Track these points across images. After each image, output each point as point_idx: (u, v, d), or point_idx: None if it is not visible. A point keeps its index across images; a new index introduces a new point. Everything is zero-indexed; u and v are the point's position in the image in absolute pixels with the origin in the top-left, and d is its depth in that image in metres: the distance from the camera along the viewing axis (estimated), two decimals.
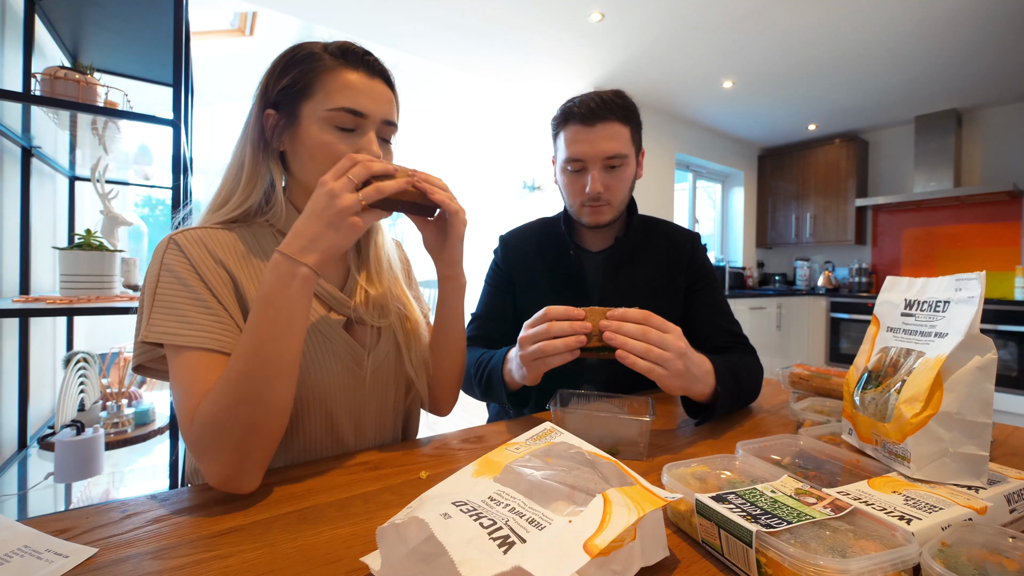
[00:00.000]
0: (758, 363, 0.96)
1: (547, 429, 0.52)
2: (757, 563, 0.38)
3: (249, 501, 0.53)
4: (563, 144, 0.99)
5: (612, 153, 0.95)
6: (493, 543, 0.33)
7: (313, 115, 0.64)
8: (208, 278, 0.60)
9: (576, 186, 1.00)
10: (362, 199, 0.56)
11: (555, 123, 1.02)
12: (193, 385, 0.55)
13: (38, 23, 1.60)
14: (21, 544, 0.42)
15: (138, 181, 2.09)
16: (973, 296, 0.53)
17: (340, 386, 0.67)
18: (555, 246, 1.09)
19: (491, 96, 4.09)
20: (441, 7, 2.64)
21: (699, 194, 4.99)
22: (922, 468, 0.51)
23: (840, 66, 3.29)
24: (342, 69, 0.64)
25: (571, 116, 0.97)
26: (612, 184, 0.98)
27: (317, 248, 0.55)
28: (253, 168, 0.66)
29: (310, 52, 0.65)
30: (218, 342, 0.57)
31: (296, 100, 0.64)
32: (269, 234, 0.68)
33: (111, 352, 1.78)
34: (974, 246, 4.11)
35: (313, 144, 0.64)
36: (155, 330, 0.56)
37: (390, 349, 0.74)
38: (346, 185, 0.55)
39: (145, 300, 0.58)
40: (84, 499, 1.64)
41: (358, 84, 0.65)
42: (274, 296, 0.53)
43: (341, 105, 0.63)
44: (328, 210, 0.54)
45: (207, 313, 0.58)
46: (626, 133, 0.97)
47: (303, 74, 0.64)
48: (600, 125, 0.95)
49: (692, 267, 1.07)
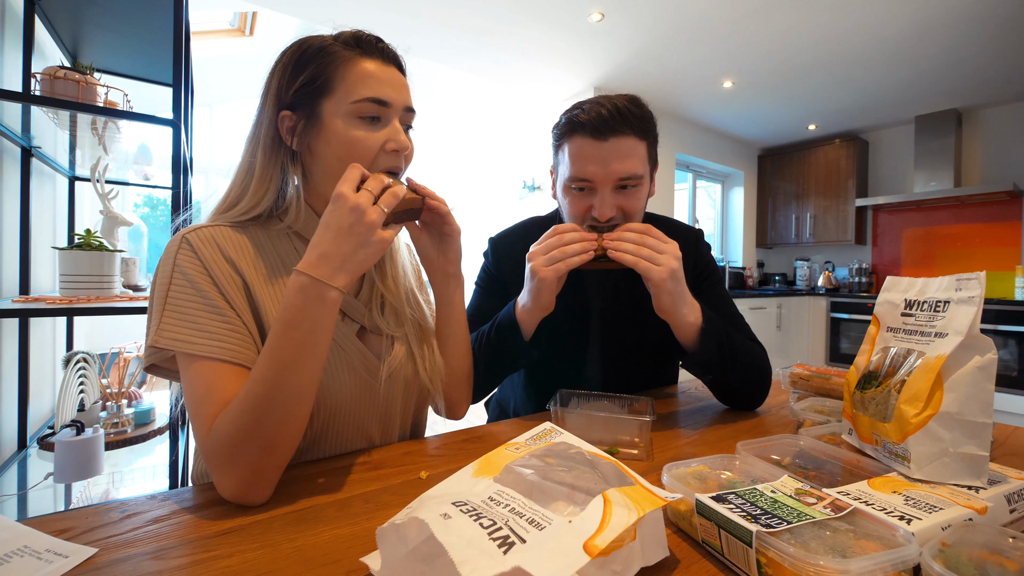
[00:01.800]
0: (763, 353, 0.91)
1: (547, 429, 0.52)
2: (757, 563, 0.38)
3: None
4: (567, 159, 0.85)
5: (626, 174, 0.81)
6: (493, 543, 0.33)
7: (336, 112, 0.61)
8: (221, 282, 0.58)
9: (580, 207, 0.85)
10: (384, 208, 0.54)
11: (558, 132, 0.88)
12: (208, 395, 0.53)
13: (38, 23, 1.60)
14: (21, 544, 0.42)
15: (138, 181, 2.09)
16: (973, 296, 0.53)
17: (350, 396, 0.65)
18: None
19: (491, 96, 4.09)
20: (441, 7, 2.64)
21: (699, 194, 4.99)
22: (922, 468, 0.51)
23: (840, 66, 3.29)
24: (359, 59, 0.62)
25: (579, 127, 0.83)
26: (625, 205, 0.84)
27: (348, 269, 0.52)
28: (264, 172, 0.63)
29: (321, 46, 0.62)
30: (231, 352, 0.55)
31: (315, 98, 0.62)
32: (284, 236, 0.66)
33: (111, 352, 1.77)
34: (974, 246, 4.11)
35: (341, 143, 0.61)
36: (167, 336, 0.54)
37: (404, 359, 0.71)
38: (367, 198, 0.53)
39: (156, 302, 0.57)
40: (84, 499, 1.64)
41: (377, 73, 0.62)
42: (300, 320, 0.51)
43: (364, 96, 0.61)
44: (357, 226, 0.51)
45: (221, 321, 0.56)
46: (643, 149, 0.84)
47: (320, 70, 0.61)
48: (613, 140, 0.81)
49: (697, 266, 1.02)
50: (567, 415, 0.70)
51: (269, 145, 0.63)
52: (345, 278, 0.52)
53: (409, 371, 0.72)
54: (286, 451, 0.53)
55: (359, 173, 0.55)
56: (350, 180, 0.54)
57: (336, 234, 0.52)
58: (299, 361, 0.51)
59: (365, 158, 0.62)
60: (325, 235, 0.52)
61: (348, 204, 0.52)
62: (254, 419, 0.50)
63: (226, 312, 0.57)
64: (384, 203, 0.54)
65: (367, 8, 2.65)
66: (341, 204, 0.52)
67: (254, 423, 0.50)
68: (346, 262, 0.52)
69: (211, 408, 0.53)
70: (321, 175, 0.65)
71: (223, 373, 0.54)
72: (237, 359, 0.55)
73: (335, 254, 0.52)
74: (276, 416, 0.50)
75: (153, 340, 0.55)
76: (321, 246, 0.52)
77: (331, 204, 0.53)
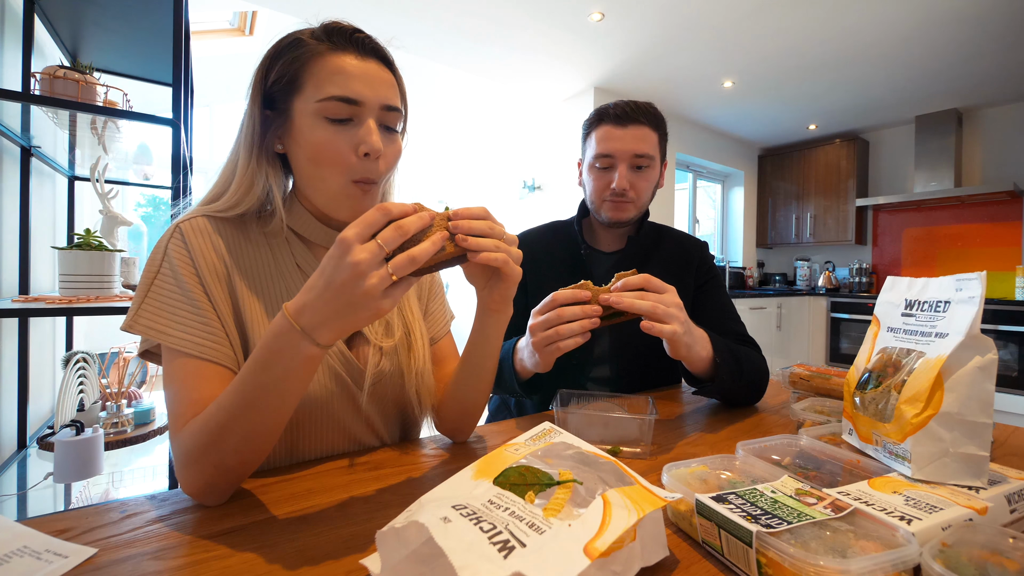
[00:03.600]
0: (762, 358, 0.96)
1: (546, 429, 0.52)
2: (757, 563, 0.38)
3: (249, 501, 0.52)
4: (594, 142, 1.04)
5: (641, 152, 1.00)
6: (493, 547, 0.33)
7: (304, 110, 0.58)
8: (205, 275, 0.58)
9: (602, 182, 1.03)
10: (392, 273, 0.44)
11: (587, 124, 1.07)
12: (180, 392, 0.54)
13: (37, 22, 1.60)
14: (20, 544, 0.42)
15: (138, 181, 2.09)
16: (974, 296, 0.52)
17: (330, 399, 0.65)
18: (566, 247, 1.11)
19: (491, 96, 4.09)
20: (441, 7, 2.64)
21: (699, 194, 4.99)
22: (922, 468, 0.51)
23: (840, 66, 3.29)
24: (329, 54, 0.58)
25: (605, 117, 1.02)
26: (637, 183, 1.02)
27: (335, 328, 0.45)
28: (245, 171, 0.62)
29: (295, 39, 0.60)
30: (201, 348, 0.55)
31: (287, 96, 0.59)
32: (278, 232, 0.65)
33: (110, 352, 1.77)
34: (974, 246, 4.11)
35: (308, 145, 0.59)
36: (142, 323, 0.55)
37: (391, 371, 0.70)
38: (374, 255, 0.43)
39: (140, 288, 0.57)
40: (84, 499, 1.64)
41: (348, 67, 0.58)
42: (272, 365, 0.46)
43: (331, 94, 0.57)
44: (352, 289, 0.43)
45: (198, 318, 0.56)
46: (655, 138, 1.02)
47: (288, 66, 0.59)
48: (632, 127, 1.00)
49: (701, 270, 1.10)
50: (569, 415, 0.71)
51: (250, 143, 0.61)
52: (330, 335, 0.46)
53: (396, 383, 0.71)
54: (242, 473, 0.52)
55: (379, 216, 0.44)
56: (364, 224, 0.44)
57: (327, 287, 0.44)
58: (265, 403, 0.48)
59: (334, 163, 0.59)
60: (318, 282, 0.45)
61: (348, 259, 0.43)
62: (211, 442, 0.49)
63: (205, 310, 0.57)
64: (395, 268, 0.44)
65: (367, 8, 2.65)
66: (341, 253, 0.43)
67: (211, 445, 0.49)
68: (333, 320, 0.45)
69: (181, 407, 0.53)
70: (298, 179, 0.65)
71: (197, 370, 0.55)
72: (206, 355, 0.56)
73: (323, 308, 0.44)
74: (232, 444, 0.49)
75: (127, 324, 0.56)
76: (312, 292, 0.45)
77: (334, 246, 0.44)
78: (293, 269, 0.66)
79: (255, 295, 0.62)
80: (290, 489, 0.55)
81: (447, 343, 0.81)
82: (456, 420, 0.72)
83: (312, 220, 0.67)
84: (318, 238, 0.68)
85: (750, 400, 0.93)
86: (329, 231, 0.68)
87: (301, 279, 0.66)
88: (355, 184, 0.61)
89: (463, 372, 0.68)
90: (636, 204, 1.03)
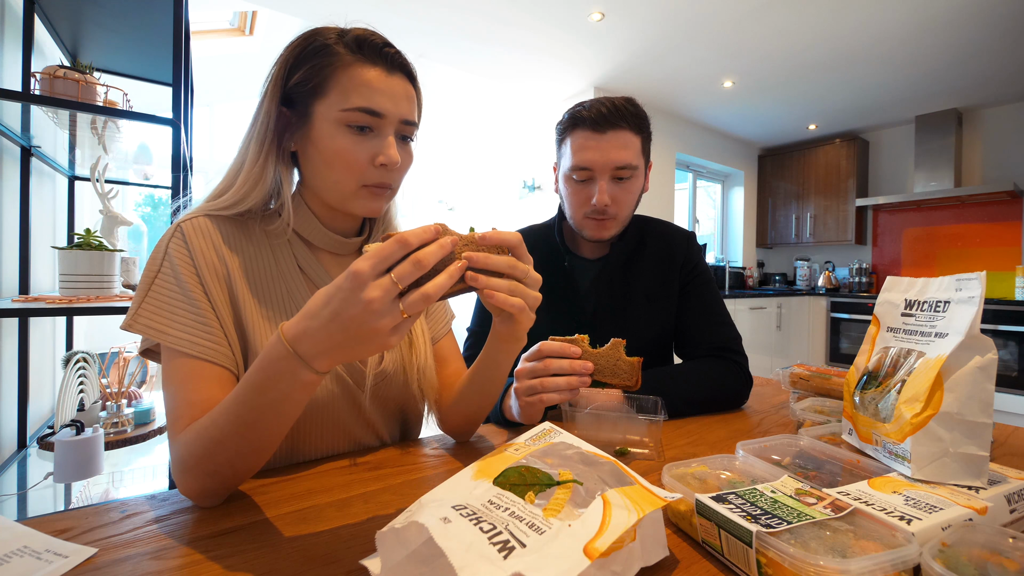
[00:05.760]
0: (733, 371, 0.93)
1: (546, 429, 0.52)
2: (757, 563, 0.38)
3: (249, 501, 0.53)
4: (569, 151, 0.93)
5: (623, 163, 0.90)
6: (493, 548, 0.33)
7: (327, 116, 0.59)
8: (204, 276, 0.58)
9: (581, 196, 0.94)
10: (404, 312, 0.42)
11: (561, 128, 0.96)
12: (179, 392, 0.54)
13: (37, 22, 1.60)
14: (20, 544, 0.42)
15: (138, 181, 2.09)
16: (973, 296, 0.52)
17: (331, 399, 0.65)
18: (547, 256, 1.03)
19: (491, 96, 4.09)
20: (441, 7, 2.64)
21: (699, 194, 4.99)
22: (922, 468, 0.51)
23: (840, 66, 3.29)
24: (359, 65, 0.59)
25: (580, 121, 0.91)
26: (620, 196, 0.93)
27: (335, 358, 0.43)
28: (252, 167, 0.62)
29: (323, 44, 0.60)
30: (199, 348, 0.56)
31: (309, 99, 0.60)
32: (281, 232, 0.65)
33: (111, 352, 1.77)
34: (974, 246, 4.11)
35: (327, 149, 0.60)
36: (141, 322, 0.56)
37: (393, 370, 0.70)
38: (388, 293, 0.40)
39: (140, 287, 0.58)
40: (84, 499, 1.64)
41: (376, 82, 0.60)
42: (268, 388, 0.45)
43: (356, 105, 0.59)
44: (359, 326, 0.41)
45: (197, 318, 0.57)
46: (637, 143, 0.92)
47: (316, 71, 0.59)
48: (611, 133, 0.89)
49: (686, 267, 1.03)
50: (577, 414, 0.71)
51: (262, 139, 0.62)
52: (329, 364, 0.44)
53: (398, 382, 0.71)
54: (238, 481, 0.52)
55: (396, 250, 0.41)
56: (379, 258, 0.41)
57: (333, 319, 0.41)
58: (261, 423, 0.47)
59: (351, 169, 0.60)
60: (323, 311, 0.42)
61: (360, 295, 0.40)
62: (205, 454, 0.49)
63: (204, 311, 0.57)
64: (408, 307, 0.41)
65: (367, 8, 2.65)
66: (353, 287, 0.40)
67: (205, 457, 0.49)
68: (334, 351, 0.43)
69: (179, 409, 0.54)
70: (310, 178, 0.65)
71: (197, 372, 0.55)
72: (205, 355, 0.56)
73: (325, 340, 0.42)
74: (226, 458, 0.49)
75: (127, 323, 0.56)
76: (315, 320, 0.42)
77: (345, 278, 0.41)
78: (295, 271, 0.66)
79: (256, 296, 0.62)
80: (290, 489, 0.55)
81: (448, 343, 0.81)
82: (459, 426, 0.73)
83: (316, 223, 0.67)
84: (321, 242, 0.69)
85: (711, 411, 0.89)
86: (332, 236, 0.69)
87: (303, 281, 0.66)
88: (367, 187, 0.62)
89: (469, 389, 0.68)
90: (619, 219, 0.95)
